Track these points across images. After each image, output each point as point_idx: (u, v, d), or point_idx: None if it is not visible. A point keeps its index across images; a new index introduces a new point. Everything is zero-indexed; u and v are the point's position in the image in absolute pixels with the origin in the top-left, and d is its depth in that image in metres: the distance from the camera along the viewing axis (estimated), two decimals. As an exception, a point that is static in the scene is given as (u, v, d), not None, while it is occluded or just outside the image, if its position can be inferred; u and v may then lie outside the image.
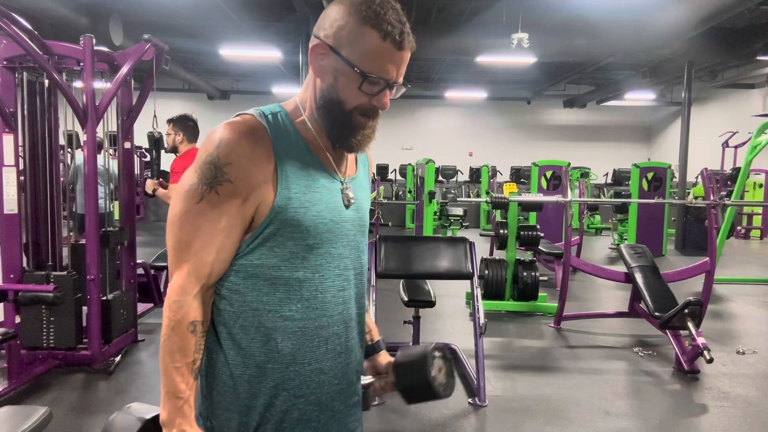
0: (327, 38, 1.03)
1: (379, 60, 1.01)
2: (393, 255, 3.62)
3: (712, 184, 4.93)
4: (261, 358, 1.05)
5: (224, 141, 1.01)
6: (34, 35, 3.35)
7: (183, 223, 1.03)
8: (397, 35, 1.00)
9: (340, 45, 1.02)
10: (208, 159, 1.01)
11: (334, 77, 1.04)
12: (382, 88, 1.04)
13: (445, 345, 1.24)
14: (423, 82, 16.66)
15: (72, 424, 3.06)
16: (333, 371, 1.11)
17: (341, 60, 1.02)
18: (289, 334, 1.06)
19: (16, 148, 3.46)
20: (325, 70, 1.05)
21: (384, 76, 1.02)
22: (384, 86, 1.04)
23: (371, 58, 1.01)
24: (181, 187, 1.05)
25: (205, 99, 16.52)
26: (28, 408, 1.94)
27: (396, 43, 1.01)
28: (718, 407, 3.43)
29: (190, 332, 1.02)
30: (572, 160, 10.77)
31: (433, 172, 8.93)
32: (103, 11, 7.79)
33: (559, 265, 6.10)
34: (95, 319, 3.60)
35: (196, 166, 1.03)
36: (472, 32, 9.21)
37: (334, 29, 1.03)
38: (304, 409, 1.09)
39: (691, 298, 3.89)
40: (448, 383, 1.21)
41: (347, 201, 1.12)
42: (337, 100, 1.05)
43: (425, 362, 1.17)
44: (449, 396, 1.21)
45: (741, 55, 9.82)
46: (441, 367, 1.19)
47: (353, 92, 1.03)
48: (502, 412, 3.31)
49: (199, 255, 1.02)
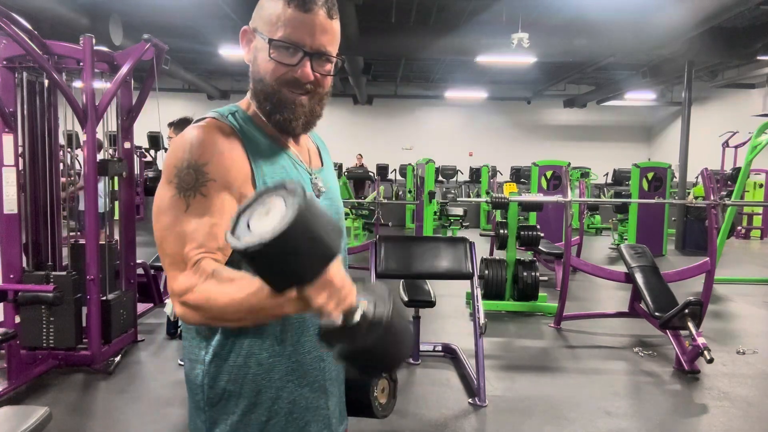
0: (251, 23, 1.07)
1: (286, 26, 1.00)
2: (393, 255, 3.62)
3: (713, 184, 4.93)
4: (263, 355, 1.05)
5: (196, 142, 0.98)
6: (34, 35, 3.35)
7: (175, 237, 0.94)
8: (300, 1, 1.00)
9: (256, 24, 1.05)
10: (183, 165, 0.96)
11: (254, 55, 1.06)
12: (300, 58, 1.02)
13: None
14: (423, 82, 16.67)
15: (72, 424, 3.06)
16: (330, 357, 1.12)
17: (257, 35, 1.04)
18: (287, 326, 1.06)
19: (16, 148, 3.46)
20: (249, 51, 1.08)
21: (294, 41, 1.00)
22: (301, 55, 1.02)
23: (278, 25, 1.00)
24: (159, 204, 0.97)
25: (205, 99, 16.53)
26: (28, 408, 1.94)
27: (301, 6, 0.99)
28: (719, 407, 3.43)
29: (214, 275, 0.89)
30: (572, 160, 10.77)
31: (433, 172, 8.92)
32: (103, 11, 7.78)
33: (559, 265, 6.10)
34: (95, 319, 3.60)
35: (167, 177, 0.97)
36: (472, 32, 9.21)
37: (255, 12, 1.06)
38: (310, 396, 1.10)
39: (692, 298, 3.89)
40: (388, 404, 1.22)
41: (317, 191, 1.13)
42: (259, 76, 1.05)
43: (369, 382, 1.18)
44: (386, 417, 1.22)
45: (741, 55, 9.81)
46: (384, 388, 1.20)
47: (271, 64, 1.02)
48: (502, 412, 3.31)
49: (201, 248, 0.94)
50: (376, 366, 0.92)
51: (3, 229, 3.47)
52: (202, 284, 0.90)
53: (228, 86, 16.64)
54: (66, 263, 3.87)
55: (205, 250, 0.93)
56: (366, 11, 8.41)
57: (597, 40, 8.83)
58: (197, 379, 1.07)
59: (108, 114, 3.82)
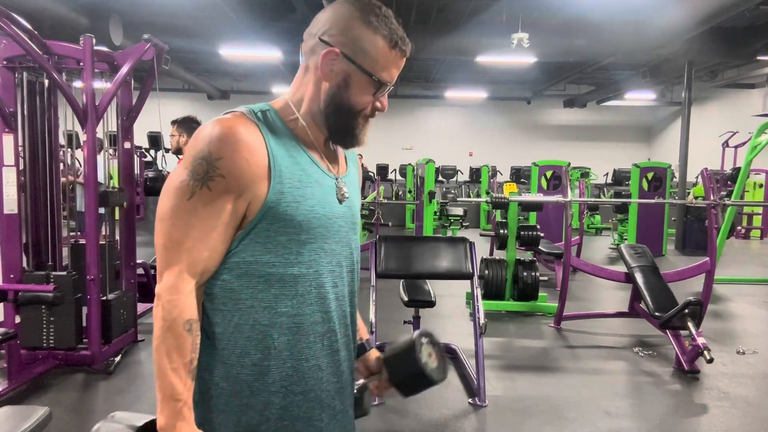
0: (338, 44, 1.06)
1: (387, 67, 1.08)
2: (393, 255, 3.62)
3: (712, 184, 4.93)
4: (258, 356, 1.05)
5: (215, 136, 1.00)
6: (34, 35, 3.35)
7: (174, 221, 1.01)
8: (403, 45, 1.08)
9: (353, 52, 1.06)
10: (199, 155, 1.00)
11: (345, 81, 1.07)
12: (384, 90, 1.11)
13: (429, 331, 1.23)
14: (423, 82, 16.66)
15: (72, 424, 3.06)
16: (330, 368, 1.12)
17: (354, 66, 1.06)
18: (285, 330, 1.06)
19: (16, 148, 3.46)
20: (336, 74, 1.07)
21: (390, 81, 1.09)
22: (387, 88, 1.10)
23: (382, 65, 1.07)
24: (170, 183, 1.03)
25: (205, 99, 16.53)
26: (28, 408, 1.94)
27: (402, 52, 1.09)
28: (718, 407, 3.43)
29: (186, 331, 0.99)
30: (572, 160, 10.77)
31: (433, 172, 8.91)
32: (103, 11, 7.78)
33: (559, 265, 6.10)
34: (95, 319, 3.60)
35: (186, 163, 1.02)
36: (472, 32, 9.21)
37: (344, 37, 1.06)
38: (304, 406, 1.08)
39: (691, 298, 3.89)
40: (440, 366, 1.20)
41: (341, 196, 1.13)
42: (348, 103, 1.08)
43: (414, 350, 1.16)
44: (444, 379, 1.20)
45: (741, 55, 9.82)
46: (431, 352, 1.19)
47: (365, 97, 1.09)
48: (502, 412, 3.31)
49: (192, 253, 1.00)
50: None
51: (3, 229, 3.47)
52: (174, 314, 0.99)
53: (228, 86, 16.63)
54: (66, 263, 3.87)
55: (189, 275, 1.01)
56: (366, 11, 8.39)
57: (597, 40, 8.83)
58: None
59: (108, 114, 3.82)
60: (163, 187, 1.05)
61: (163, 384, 0.99)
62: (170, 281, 1.00)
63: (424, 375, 1.16)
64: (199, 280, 1.03)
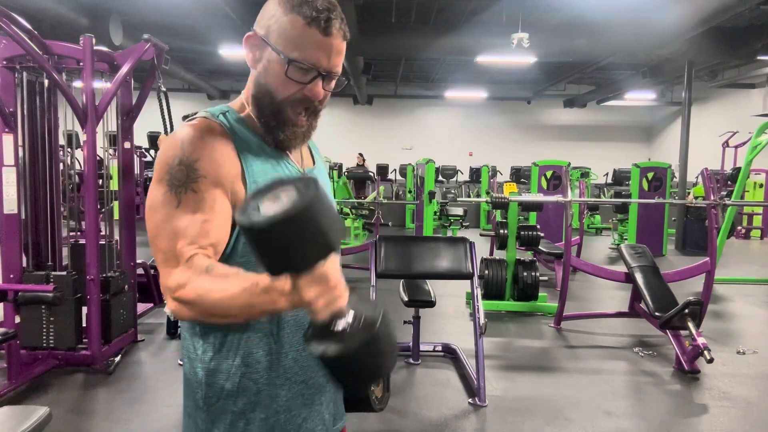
0: (260, 29, 1.04)
1: (305, 46, 1.00)
2: (393, 255, 3.62)
3: (713, 184, 4.93)
4: (260, 353, 1.06)
5: (187, 140, 0.99)
6: (34, 35, 3.35)
7: (168, 234, 0.95)
8: (323, 21, 0.99)
9: (269, 33, 1.02)
10: (174, 162, 0.97)
11: (264, 66, 1.04)
12: (313, 77, 1.02)
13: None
14: (423, 82, 16.67)
15: (72, 424, 3.05)
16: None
17: (270, 48, 1.02)
18: (283, 324, 1.07)
19: (16, 148, 3.46)
20: (257, 59, 1.05)
21: (312, 62, 1.01)
22: (315, 75, 1.02)
23: (297, 44, 1.00)
24: (151, 202, 0.98)
25: (205, 99, 16.53)
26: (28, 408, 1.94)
27: (321, 29, 0.99)
28: (719, 407, 3.43)
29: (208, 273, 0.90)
30: (572, 160, 10.76)
31: (433, 172, 8.92)
32: (103, 11, 7.78)
33: (559, 265, 6.10)
34: (95, 319, 3.60)
35: (159, 176, 0.97)
36: (472, 32, 9.21)
37: (265, 19, 1.04)
38: (306, 393, 1.11)
39: (692, 298, 3.89)
40: (384, 397, 1.22)
41: None
42: (267, 89, 1.04)
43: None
44: (383, 410, 1.22)
45: (741, 55, 9.82)
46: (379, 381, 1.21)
47: (282, 80, 1.02)
48: (502, 412, 3.31)
49: (193, 246, 0.94)
50: (354, 374, 0.87)
51: (3, 229, 3.47)
52: (195, 280, 0.90)
53: (228, 86, 16.63)
54: (66, 263, 3.87)
55: (197, 246, 0.93)
56: (366, 11, 8.42)
57: (597, 40, 8.83)
58: (196, 377, 1.07)
59: (108, 114, 3.82)
60: (145, 210, 1.00)
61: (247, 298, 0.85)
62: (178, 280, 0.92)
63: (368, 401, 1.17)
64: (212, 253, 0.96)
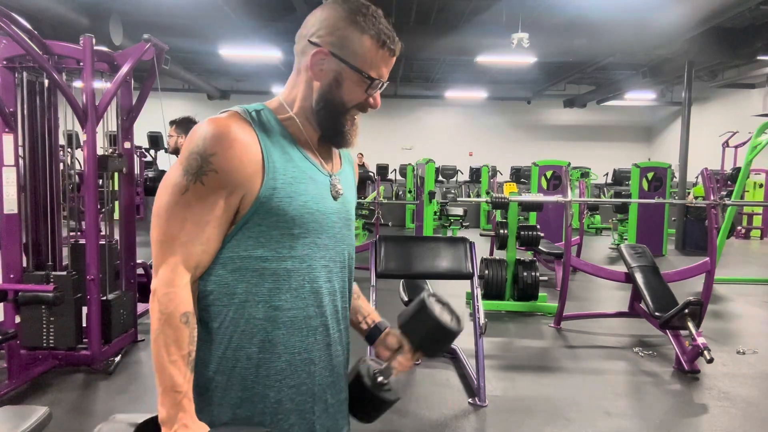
0: (326, 44, 1.09)
1: (379, 66, 1.12)
2: (393, 255, 3.62)
3: (712, 184, 4.93)
4: (253, 350, 1.07)
5: (210, 133, 1.03)
6: (34, 35, 3.34)
7: (169, 216, 1.03)
8: (391, 44, 1.12)
9: (343, 52, 1.09)
10: (194, 150, 1.03)
11: (336, 80, 1.11)
12: (378, 89, 1.15)
13: (434, 292, 1.34)
14: (423, 82, 16.67)
15: (72, 424, 3.05)
16: (322, 362, 1.14)
17: (345, 65, 1.09)
18: (279, 324, 1.08)
19: (16, 148, 3.45)
20: (326, 73, 1.10)
21: (381, 78, 1.13)
22: (380, 87, 1.15)
23: (373, 64, 1.11)
24: (166, 180, 1.06)
25: (205, 99, 16.53)
26: (27, 408, 1.94)
27: (390, 51, 1.12)
28: (719, 407, 3.43)
29: (183, 324, 1.01)
30: (572, 160, 10.77)
31: (433, 172, 8.91)
32: (103, 11, 7.78)
33: (559, 265, 6.10)
34: (95, 319, 3.60)
35: (181, 159, 1.05)
36: (472, 32, 9.21)
37: (333, 36, 1.09)
38: (297, 399, 1.11)
39: (691, 298, 3.89)
40: (455, 318, 1.29)
41: (335, 192, 1.16)
42: (340, 101, 1.12)
43: (426, 306, 1.24)
44: (461, 329, 1.28)
45: (741, 55, 9.81)
46: (442, 309, 1.28)
47: (357, 94, 1.12)
48: (502, 412, 3.31)
49: (186, 247, 1.03)
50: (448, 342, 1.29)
51: (3, 229, 3.47)
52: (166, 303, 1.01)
53: (228, 86, 16.63)
54: (66, 263, 3.87)
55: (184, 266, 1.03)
56: (366, 11, 8.39)
57: (597, 40, 8.84)
58: None
59: (108, 114, 3.82)
60: (159, 184, 1.08)
61: (162, 377, 1.00)
62: (166, 275, 1.02)
63: (441, 326, 1.24)
64: (193, 274, 1.05)
